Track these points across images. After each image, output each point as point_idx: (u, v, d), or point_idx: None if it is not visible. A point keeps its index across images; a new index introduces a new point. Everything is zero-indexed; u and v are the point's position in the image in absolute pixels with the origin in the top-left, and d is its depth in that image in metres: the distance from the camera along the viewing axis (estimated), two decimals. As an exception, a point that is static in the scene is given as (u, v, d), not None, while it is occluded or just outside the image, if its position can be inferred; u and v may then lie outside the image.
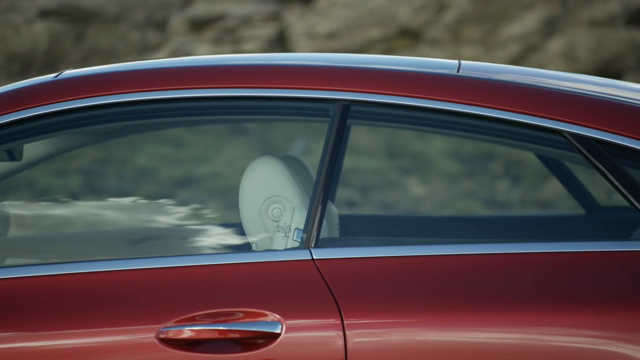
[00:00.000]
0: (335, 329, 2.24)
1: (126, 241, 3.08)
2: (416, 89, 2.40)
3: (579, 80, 2.61)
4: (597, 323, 2.20)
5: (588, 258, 2.26)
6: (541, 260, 2.26)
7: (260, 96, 2.44)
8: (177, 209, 3.83)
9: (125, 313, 2.28)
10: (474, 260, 2.27)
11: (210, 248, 2.96)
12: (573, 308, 2.21)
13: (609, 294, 2.22)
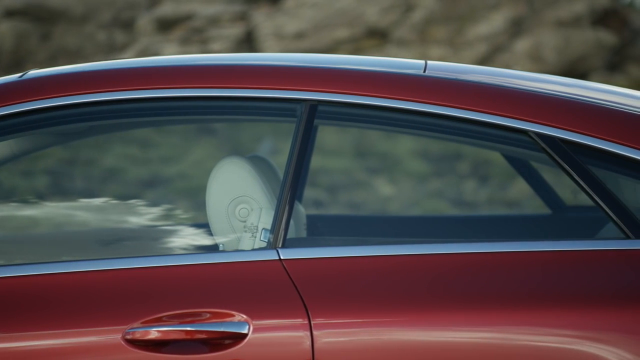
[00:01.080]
0: (302, 329, 2.24)
1: (92, 242, 3.07)
2: (383, 89, 2.41)
3: (545, 81, 2.63)
4: (563, 322, 2.21)
5: (554, 257, 2.27)
6: (508, 260, 2.27)
7: (228, 96, 2.44)
8: (144, 210, 3.81)
9: (91, 314, 2.27)
10: (441, 260, 2.28)
11: (177, 248, 2.95)
12: (539, 307, 2.22)
13: (574, 293, 2.23)
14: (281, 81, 2.43)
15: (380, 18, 12.18)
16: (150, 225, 3.23)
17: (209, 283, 2.29)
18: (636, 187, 2.45)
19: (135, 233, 3.15)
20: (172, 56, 2.63)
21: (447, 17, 12.03)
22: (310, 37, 12.21)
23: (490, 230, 3.29)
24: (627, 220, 2.28)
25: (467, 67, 2.68)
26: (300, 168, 2.37)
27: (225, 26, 12.29)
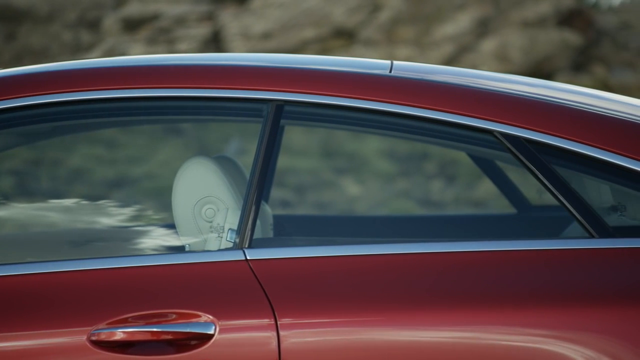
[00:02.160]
0: (269, 329, 2.24)
1: (58, 243, 3.05)
2: (349, 89, 2.41)
3: (510, 81, 2.64)
4: (528, 321, 2.22)
5: (519, 256, 2.28)
6: (474, 259, 2.28)
7: (194, 96, 2.43)
8: (110, 210, 3.80)
9: (55, 315, 2.26)
10: (407, 260, 2.29)
11: (144, 249, 2.94)
12: (504, 306, 2.23)
13: (539, 292, 2.24)
14: (247, 81, 2.43)
15: (347, 18, 12.19)
16: (116, 226, 3.22)
17: (175, 283, 2.29)
18: (600, 187, 2.46)
19: (101, 233, 3.14)
20: (139, 56, 2.62)
21: (413, 17, 12.06)
22: (277, 37, 12.20)
23: (457, 230, 3.31)
24: (591, 220, 2.29)
25: (433, 67, 2.69)
26: (266, 168, 2.37)
27: (191, 26, 12.26)
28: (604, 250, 2.27)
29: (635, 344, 2.19)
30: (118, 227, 3.22)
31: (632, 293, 2.22)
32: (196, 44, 12.02)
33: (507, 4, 12.03)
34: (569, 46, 11.83)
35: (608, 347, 2.19)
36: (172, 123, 8.55)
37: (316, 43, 12.13)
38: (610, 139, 2.34)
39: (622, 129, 2.36)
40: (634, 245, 2.27)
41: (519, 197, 3.26)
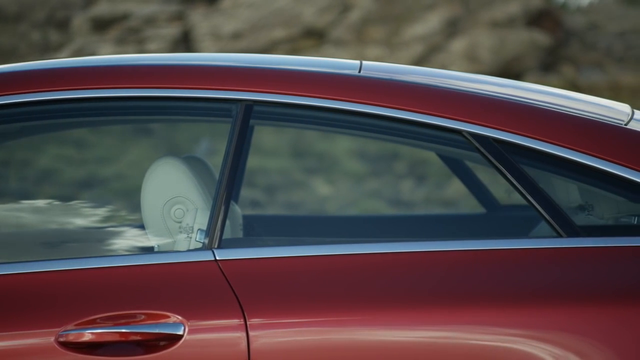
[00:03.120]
0: (238, 329, 2.24)
1: (26, 243, 3.04)
2: (318, 89, 2.41)
3: (479, 81, 2.65)
4: (496, 320, 2.23)
5: (488, 256, 2.29)
6: (443, 258, 2.29)
7: (163, 96, 2.43)
8: (79, 211, 3.78)
9: (23, 317, 2.24)
10: (377, 259, 2.29)
11: (112, 250, 2.93)
12: (473, 305, 2.24)
13: (508, 291, 2.25)
14: (217, 81, 2.43)
15: (317, 18, 12.20)
16: (85, 227, 3.21)
17: (144, 284, 2.28)
18: (568, 186, 2.48)
19: (69, 234, 3.12)
20: (108, 56, 2.61)
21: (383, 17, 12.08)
22: (248, 38, 12.19)
23: (427, 230, 3.31)
24: (559, 219, 2.31)
25: (402, 67, 2.70)
26: (236, 168, 2.37)
27: (161, 26, 12.23)
28: (572, 249, 2.28)
29: (602, 342, 2.20)
30: (87, 227, 3.20)
31: (599, 292, 2.23)
32: (166, 44, 11.99)
33: (476, 4, 12.07)
34: (538, 46, 11.88)
35: (576, 346, 2.20)
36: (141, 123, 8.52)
37: (286, 43, 12.13)
38: (578, 139, 2.35)
39: (589, 129, 2.38)
40: (601, 245, 2.28)
41: (488, 197, 3.27)
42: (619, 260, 2.26)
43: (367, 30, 12.07)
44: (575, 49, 12.37)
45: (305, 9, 12.25)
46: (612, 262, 2.26)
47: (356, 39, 12.03)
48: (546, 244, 2.29)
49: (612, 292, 2.23)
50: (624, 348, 2.19)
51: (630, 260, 2.26)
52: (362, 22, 12.09)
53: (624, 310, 2.21)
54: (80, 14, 12.45)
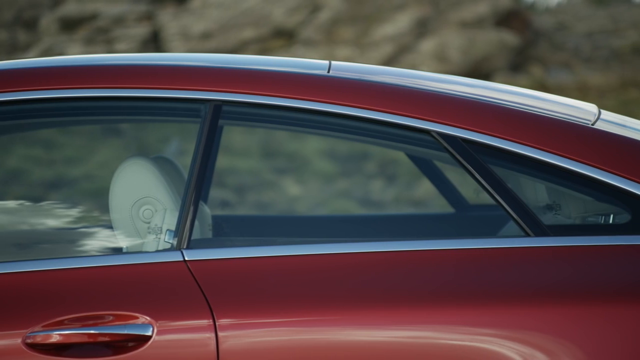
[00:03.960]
0: (207, 330, 2.23)
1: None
2: (286, 89, 2.41)
3: (448, 81, 2.66)
4: (465, 319, 2.23)
5: (457, 255, 2.30)
6: (413, 258, 2.29)
7: (132, 96, 2.42)
8: (47, 211, 3.76)
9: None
10: (347, 259, 2.29)
11: (81, 251, 2.91)
12: (442, 304, 2.25)
13: (477, 290, 2.26)
14: (185, 81, 2.42)
15: (286, 18, 12.20)
16: (53, 227, 3.19)
17: (112, 285, 2.27)
18: (536, 186, 2.49)
19: (37, 235, 3.10)
20: (76, 56, 2.60)
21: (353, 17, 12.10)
22: (217, 38, 12.17)
23: (396, 229, 3.32)
24: (527, 219, 2.32)
25: (371, 67, 2.70)
26: (204, 168, 2.36)
27: (130, 26, 12.19)
28: (540, 248, 2.29)
29: (570, 340, 2.21)
30: (55, 228, 3.19)
31: (566, 291, 2.24)
32: (135, 44, 11.95)
33: (445, 4, 12.11)
34: (507, 46, 11.93)
35: (543, 344, 2.21)
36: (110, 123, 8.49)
37: (256, 43, 12.12)
38: (545, 138, 2.36)
39: (557, 129, 2.39)
40: (568, 244, 2.29)
41: (457, 197, 3.28)
42: (586, 259, 2.28)
43: (337, 31, 12.08)
44: (543, 49, 12.44)
45: (274, 9, 12.24)
46: (580, 262, 2.27)
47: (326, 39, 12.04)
48: (514, 243, 2.30)
49: (579, 291, 2.24)
50: (592, 346, 2.20)
51: (597, 260, 2.28)
52: (331, 23, 12.10)
53: (591, 308, 2.22)
54: (48, 14, 12.39)
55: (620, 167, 2.33)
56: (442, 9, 12.06)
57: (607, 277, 2.25)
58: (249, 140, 9.82)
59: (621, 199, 2.33)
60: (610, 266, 2.26)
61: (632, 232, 2.30)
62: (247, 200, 8.86)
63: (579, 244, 2.29)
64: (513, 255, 2.28)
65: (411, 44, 11.93)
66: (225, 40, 12.14)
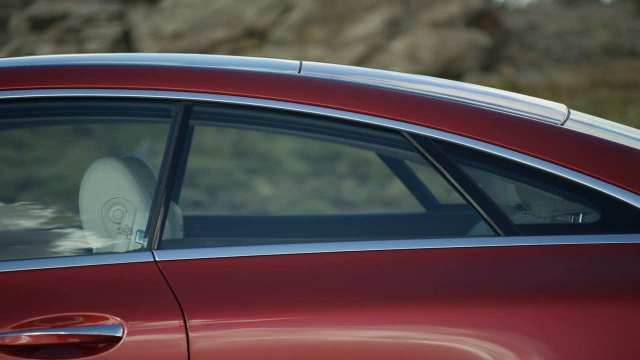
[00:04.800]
0: (178, 331, 2.23)
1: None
2: (257, 89, 2.41)
3: (419, 81, 2.66)
4: (437, 319, 2.24)
5: (428, 255, 2.30)
6: (385, 258, 2.30)
7: (103, 97, 2.41)
8: (17, 212, 3.74)
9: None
10: (319, 259, 2.29)
11: (51, 251, 2.90)
12: (412, 304, 2.25)
13: (447, 289, 2.26)
14: (156, 81, 2.41)
15: (258, 18, 12.19)
16: (23, 228, 3.17)
17: (82, 286, 2.26)
18: (506, 186, 2.50)
19: (7, 236, 3.09)
20: (47, 56, 2.59)
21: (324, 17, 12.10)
22: (188, 38, 12.14)
23: (368, 229, 3.33)
24: (497, 218, 2.32)
25: (342, 67, 2.70)
26: (175, 169, 2.36)
27: (101, 26, 12.14)
28: (510, 248, 2.30)
29: (540, 339, 2.22)
30: (25, 229, 3.17)
31: (536, 290, 2.25)
32: (106, 44, 11.90)
33: (416, 4, 12.14)
34: (478, 47, 11.97)
35: (513, 343, 2.22)
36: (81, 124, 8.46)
37: (227, 43, 12.10)
38: (516, 138, 2.37)
39: (527, 129, 2.40)
40: (538, 243, 2.31)
41: (428, 197, 3.29)
42: (556, 258, 2.29)
43: (309, 31, 12.08)
44: (514, 49, 12.49)
45: (246, 9, 12.23)
46: (550, 261, 2.28)
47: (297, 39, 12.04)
48: (484, 243, 2.31)
49: (549, 290, 2.25)
50: (561, 345, 2.22)
51: (566, 259, 2.29)
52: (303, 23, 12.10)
53: (561, 307, 2.23)
54: (18, 14, 12.32)
55: (589, 167, 2.34)
56: (414, 9, 12.09)
57: (576, 277, 2.26)
58: (220, 140, 9.81)
59: (590, 198, 2.34)
60: (579, 265, 2.27)
61: (601, 231, 2.32)
62: (218, 201, 8.84)
63: (548, 243, 2.30)
64: (483, 255, 2.29)
65: (382, 44, 11.95)
66: (196, 41, 12.11)
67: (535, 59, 12.40)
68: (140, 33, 12.10)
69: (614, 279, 2.25)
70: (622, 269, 2.27)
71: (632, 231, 2.31)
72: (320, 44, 11.99)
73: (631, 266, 2.27)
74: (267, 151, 9.89)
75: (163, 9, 12.38)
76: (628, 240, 2.30)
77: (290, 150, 9.73)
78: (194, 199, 8.61)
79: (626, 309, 2.22)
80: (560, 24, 13.30)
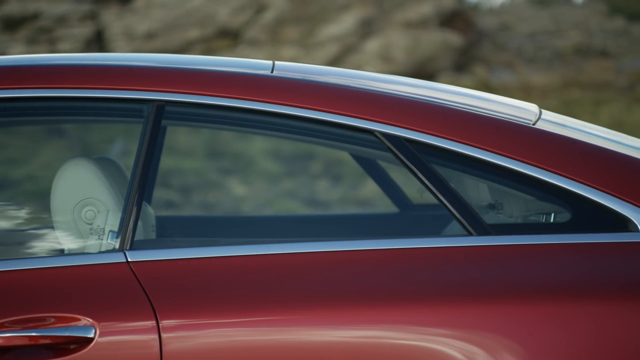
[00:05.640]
0: (150, 331, 2.22)
1: None
2: (230, 89, 2.41)
3: (392, 81, 2.67)
4: (409, 318, 2.24)
5: (401, 254, 2.31)
6: (358, 257, 2.30)
7: (74, 96, 2.40)
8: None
9: None
10: (293, 260, 2.29)
11: (22, 252, 2.89)
12: (385, 304, 2.25)
13: (420, 289, 2.27)
14: (128, 81, 2.41)
15: (231, 18, 12.17)
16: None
17: (54, 287, 2.25)
18: (479, 186, 2.51)
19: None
20: (17, 56, 2.57)
21: (298, 17, 12.11)
22: (161, 37, 12.11)
23: (341, 229, 3.33)
24: (469, 218, 2.33)
25: (315, 67, 2.70)
26: (147, 169, 2.35)
27: (73, 26, 12.10)
28: (482, 247, 2.31)
29: (512, 339, 2.23)
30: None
31: (508, 290, 2.26)
32: (78, 44, 11.86)
33: (390, 4, 12.16)
34: (451, 47, 12.01)
35: (485, 343, 2.23)
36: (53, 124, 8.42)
37: (201, 43, 12.08)
38: (487, 138, 2.38)
39: (499, 129, 2.41)
40: (510, 243, 2.31)
41: (401, 197, 3.30)
42: (528, 258, 2.30)
43: (282, 31, 12.08)
44: (487, 49, 12.53)
45: (219, 9, 12.22)
46: (522, 260, 2.29)
47: (271, 39, 12.04)
48: (457, 242, 2.31)
49: (521, 290, 2.26)
50: (534, 344, 2.22)
51: (538, 258, 2.30)
52: (276, 23, 12.10)
53: (533, 306, 2.24)
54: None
55: (561, 167, 2.36)
56: (387, 9, 12.11)
57: (547, 276, 2.27)
58: (194, 140, 9.79)
59: (562, 197, 2.35)
60: (551, 265, 2.28)
61: (573, 230, 2.33)
62: (192, 201, 8.83)
63: (520, 242, 2.31)
64: (456, 255, 2.30)
65: (356, 44, 11.96)
66: (169, 41, 12.09)
67: (507, 59, 12.44)
68: (113, 33, 12.07)
69: (585, 278, 2.27)
70: (593, 268, 2.28)
71: (603, 230, 2.32)
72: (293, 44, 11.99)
73: (602, 265, 2.28)
74: (241, 151, 9.88)
75: (136, 8, 12.34)
76: (599, 239, 2.31)
77: (264, 151, 9.73)
78: (168, 199, 8.59)
79: (598, 307, 2.23)
80: (533, 25, 13.36)
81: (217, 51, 11.98)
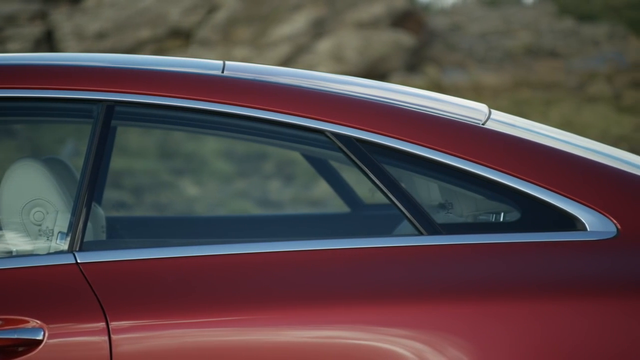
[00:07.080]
0: (100, 333, 2.21)
1: None
2: (180, 89, 2.40)
3: (343, 82, 2.67)
4: (359, 318, 2.25)
5: (352, 254, 2.31)
6: (310, 258, 2.30)
7: (23, 97, 2.38)
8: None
9: None
10: (244, 260, 2.29)
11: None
12: (336, 304, 2.26)
13: (371, 289, 2.27)
14: (77, 82, 2.39)
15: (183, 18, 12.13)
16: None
17: (1, 289, 2.23)
18: (429, 185, 2.52)
19: None
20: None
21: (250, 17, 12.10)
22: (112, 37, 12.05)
23: (293, 229, 3.33)
24: (420, 218, 2.34)
25: (266, 67, 2.70)
26: (97, 170, 2.34)
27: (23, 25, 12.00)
28: (432, 247, 2.32)
29: (462, 337, 2.24)
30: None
31: (458, 288, 2.27)
32: (28, 44, 11.76)
33: (341, 5, 12.18)
34: (402, 47, 12.06)
35: (435, 342, 2.24)
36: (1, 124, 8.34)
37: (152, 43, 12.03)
38: (437, 138, 2.39)
39: (448, 129, 2.42)
40: (460, 242, 2.33)
41: (353, 196, 3.30)
42: (477, 257, 2.31)
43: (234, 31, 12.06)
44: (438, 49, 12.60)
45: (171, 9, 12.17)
46: (472, 259, 2.30)
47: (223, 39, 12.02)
48: (408, 242, 2.32)
49: (471, 288, 2.27)
50: (483, 343, 2.24)
51: (488, 257, 2.31)
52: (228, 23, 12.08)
53: (483, 305, 2.26)
54: (-63, 13, 12.12)
55: (510, 166, 2.37)
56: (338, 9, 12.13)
57: (498, 274, 2.29)
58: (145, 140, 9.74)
59: (511, 197, 2.36)
60: (501, 263, 2.30)
61: (522, 229, 2.35)
62: (144, 202, 8.78)
63: (470, 242, 2.33)
64: (406, 254, 2.31)
65: (308, 45, 11.97)
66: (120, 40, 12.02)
67: (459, 60, 12.52)
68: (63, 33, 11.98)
69: (534, 277, 2.28)
70: (542, 267, 2.30)
71: (552, 229, 2.34)
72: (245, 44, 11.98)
73: (551, 264, 2.30)
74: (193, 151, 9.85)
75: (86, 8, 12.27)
76: (548, 238, 2.33)
77: (216, 151, 9.71)
78: (119, 200, 8.54)
79: (546, 305, 2.25)
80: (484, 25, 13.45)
81: (168, 51, 11.94)
